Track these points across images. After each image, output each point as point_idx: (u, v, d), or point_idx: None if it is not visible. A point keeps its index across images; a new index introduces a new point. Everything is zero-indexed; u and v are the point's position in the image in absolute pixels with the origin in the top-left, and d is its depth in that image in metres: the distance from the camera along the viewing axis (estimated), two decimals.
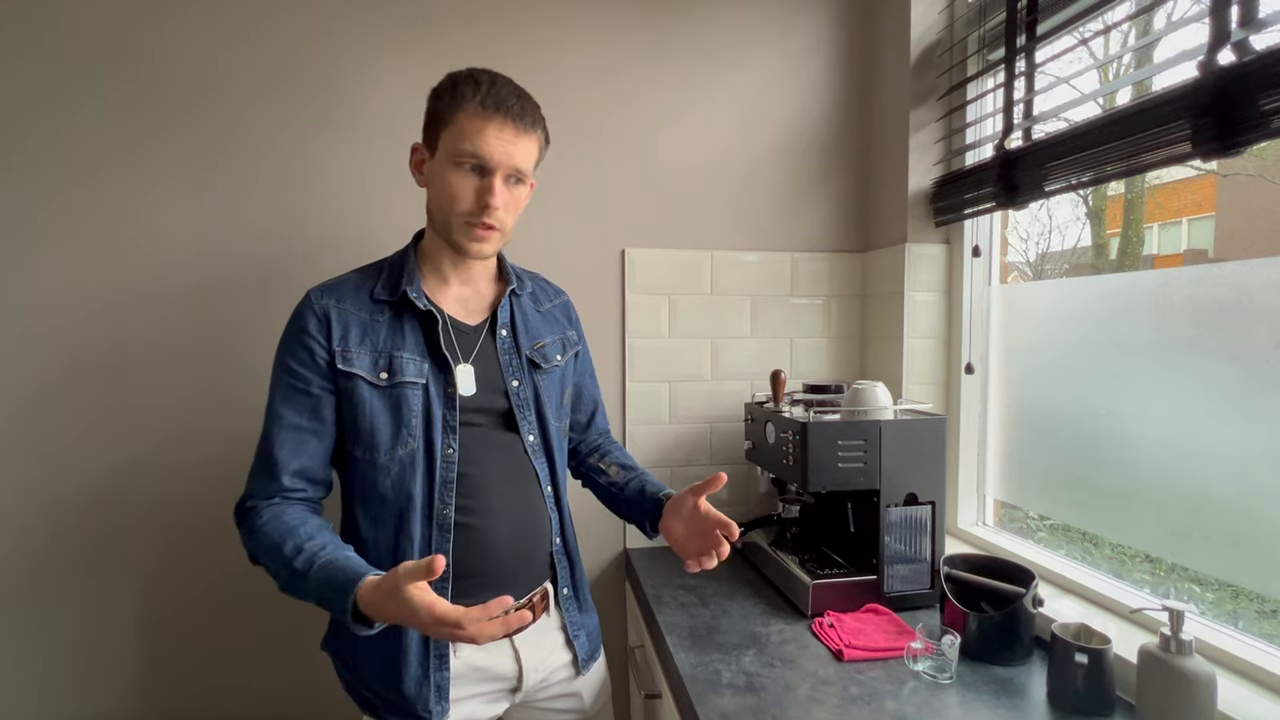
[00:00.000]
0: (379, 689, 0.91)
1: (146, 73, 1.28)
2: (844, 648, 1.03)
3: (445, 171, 0.88)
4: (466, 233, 0.90)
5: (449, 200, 0.89)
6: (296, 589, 0.81)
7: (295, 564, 0.80)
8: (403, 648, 0.89)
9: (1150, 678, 0.82)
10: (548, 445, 1.00)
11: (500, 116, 0.87)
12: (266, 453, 0.87)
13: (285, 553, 0.81)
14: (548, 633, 1.01)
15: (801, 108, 1.56)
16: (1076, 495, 1.15)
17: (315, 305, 0.90)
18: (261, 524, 0.84)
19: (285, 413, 0.87)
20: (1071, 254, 1.60)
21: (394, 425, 0.89)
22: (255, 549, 0.85)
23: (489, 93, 0.87)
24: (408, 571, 0.70)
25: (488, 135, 0.86)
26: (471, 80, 0.88)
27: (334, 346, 0.88)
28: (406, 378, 0.89)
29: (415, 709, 0.89)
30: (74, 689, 1.33)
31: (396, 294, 0.92)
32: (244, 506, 0.88)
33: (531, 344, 1.01)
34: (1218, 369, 0.91)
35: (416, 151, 0.94)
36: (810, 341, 1.60)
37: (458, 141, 0.87)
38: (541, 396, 0.99)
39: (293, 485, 0.87)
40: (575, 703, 1.04)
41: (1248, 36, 0.79)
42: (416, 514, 0.89)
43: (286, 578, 0.81)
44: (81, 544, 1.31)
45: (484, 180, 0.88)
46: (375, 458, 0.89)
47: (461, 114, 0.86)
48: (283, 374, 0.88)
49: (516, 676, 0.96)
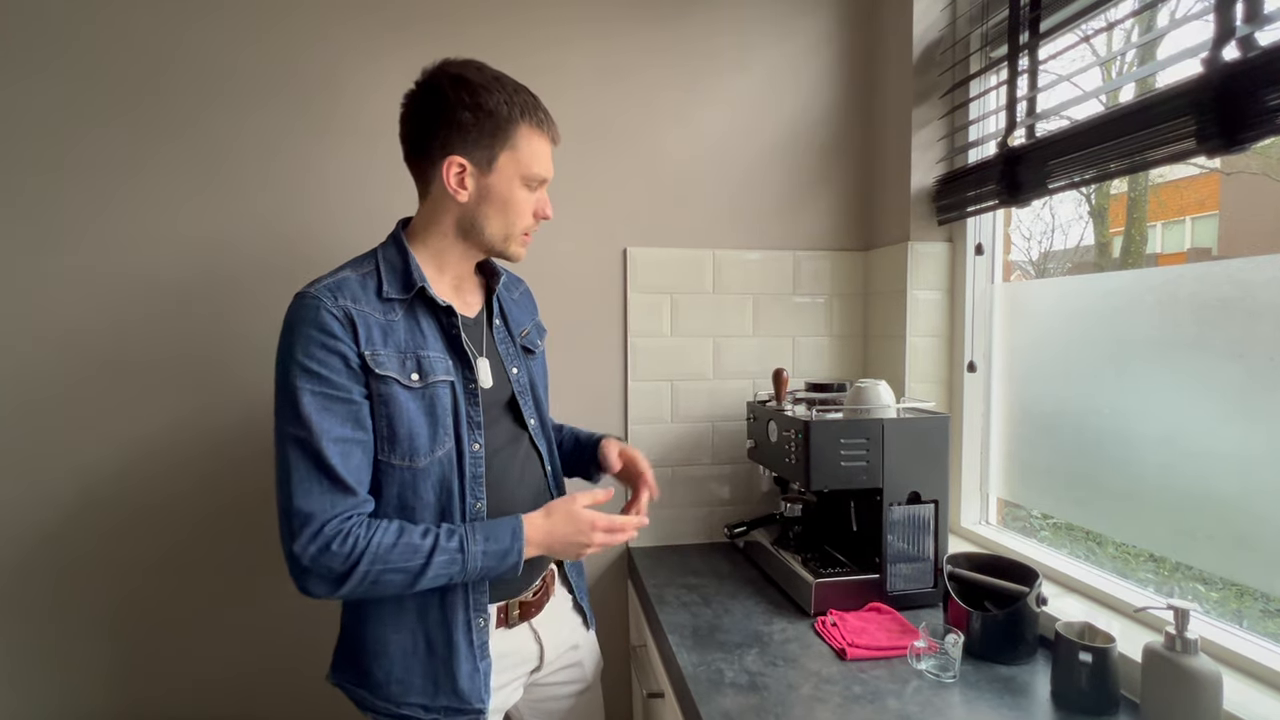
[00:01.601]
0: (424, 700, 0.89)
1: (149, 77, 1.29)
2: (847, 647, 1.02)
3: (514, 191, 0.91)
4: (519, 243, 0.96)
5: (515, 218, 0.93)
6: (449, 567, 0.82)
7: (442, 542, 0.82)
8: (452, 645, 0.89)
9: (1155, 677, 0.81)
10: (545, 427, 1.04)
11: (549, 135, 0.93)
12: (321, 470, 0.79)
13: (419, 541, 0.82)
14: (560, 609, 1.05)
15: (803, 106, 1.56)
16: (1080, 494, 1.14)
17: (332, 307, 0.82)
18: (364, 537, 0.79)
19: (328, 425, 0.80)
20: (1074, 252, 1.59)
21: (431, 426, 0.87)
22: (369, 565, 0.79)
23: (541, 112, 0.92)
24: (585, 496, 0.91)
25: (548, 157, 0.93)
26: (528, 98, 0.91)
27: (362, 349, 0.83)
28: (437, 377, 0.88)
29: (470, 701, 0.90)
30: (76, 689, 1.33)
31: (410, 290, 0.89)
32: (321, 533, 0.78)
33: (519, 331, 1.05)
34: (1221, 367, 0.90)
35: (455, 164, 0.88)
36: (812, 340, 1.60)
37: (530, 165, 0.91)
38: (535, 381, 1.04)
39: (364, 496, 0.83)
40: (578, 672, 1.09)
41: (1253, 32, 0.79)
42: (455, 513, 0.89)
43: (437, 563, 0.81)
44: (83, 545, 1.32)
45: (537, 194, 0.94)
46: (416, 462, 0.86)
47: (529, 137, 0.90)
48: (311, 383, 0.80)
49: (538, 656, 1.00)
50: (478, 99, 0.87)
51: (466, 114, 0.87)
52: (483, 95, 0.87)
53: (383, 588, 0.81)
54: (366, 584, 0.80)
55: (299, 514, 0.79)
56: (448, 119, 0.87)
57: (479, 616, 0.91)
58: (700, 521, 1.58)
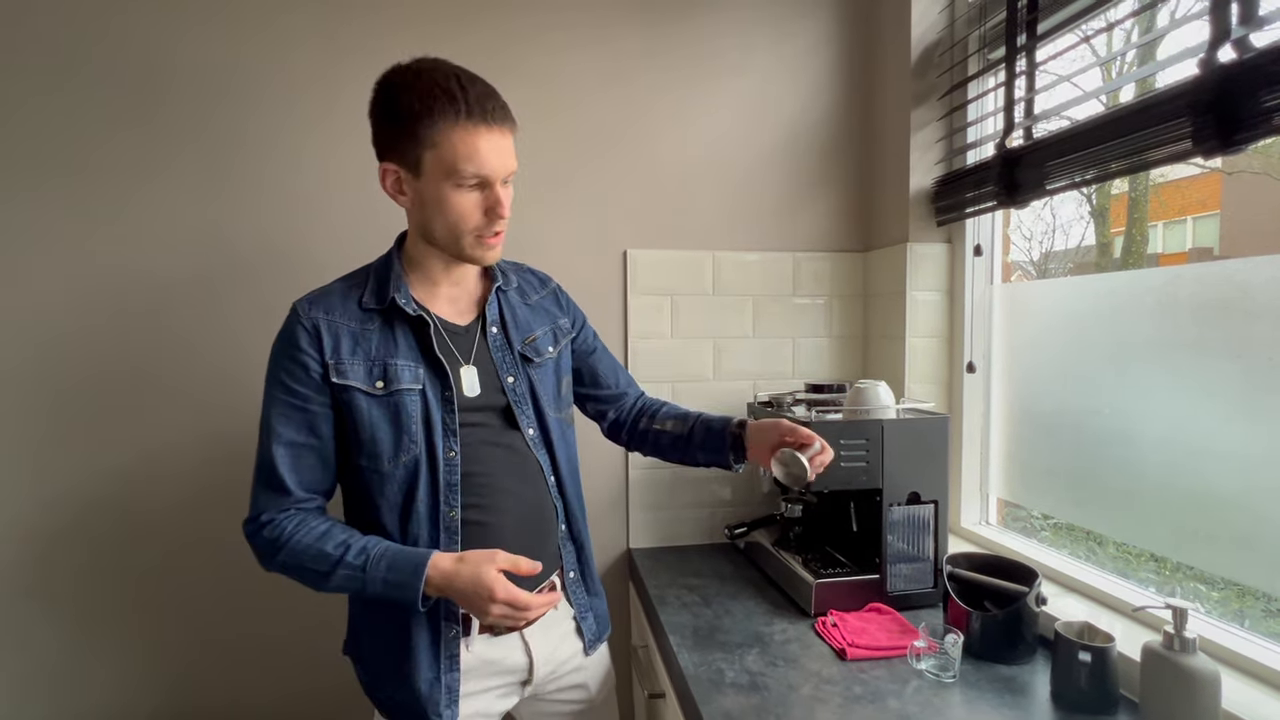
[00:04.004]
0: (392, 691, 0.91)
1: (149, 77, 1.30)
2: (847, 647, 1.03)
3: (445, 194, 0.85)
4: (479, 245, 0.89)
5: (456, 220, 0.86)
6: (350, 583, 0.84)
7: (348, 558, 0.83)
8: (413, 648, 0.89)
9: (1154, 676, 0.82)
10: (547, 437, 1.00)
11: (487, 125, 0.83)
12: (269, 470, 0.87)
13: (331, 551, 0.84)
14: (557, 623, 1.01)
15: (802, 108, 1.56)
16: (1080, 494, 1.15)
17: (304, 319, 0.88)
18: (289, 532, 0.85)
19: (282, 430, 0.87)
20: (1076, 253, 1.59)
21: (395, 433, 0.88)
22: (286, 557, 0.85)
23: (467, 101, 0.82)
24: (505, 558, 0.85)
25: (483, 150, 0.83)
26: (441, 91, 0.81)
27: (326, 359, 0.87)
28: (403, 385, 0.89)
29: (425, 710, 0.89)
30: (79, 689, 1.35)
31: (385, 301, 0.90)
32: (258, 521, 0.87)
33: (523, 338, 1.00)
34: (1221, 367, 0.91)
35: (389, 173, 0.87)
36: (812, 341, 1.60)
37: (454, 164, 0.83)
38: (537, 390, 0.99)
39: (302, 497, 0.88)
40: (583, 693, 1.06)
41: (1248, 34, 0.79)
42: (422, 518, 0.89)
43: (339, 575, 0.83)
44: (84, 546, 1.33)
45: (487, 192, 0.87)
46: (380, 466, 0.89)
47: (448, 133, 0.82)
48: (277, 390, 0.87)
49: (527, 668, 0.97)
50: (391, 100, 0.84)
51: (384, 117, 0.86)
52: (397, 95, 0.83)
53: (300, 576, 0.86)
54: (287, 570, 0.86)
55: (252, 499, 0.89)
56: (374, 125, 0.88)
57: (450, 625, 0.90)
58: (701, 522, 1.58)
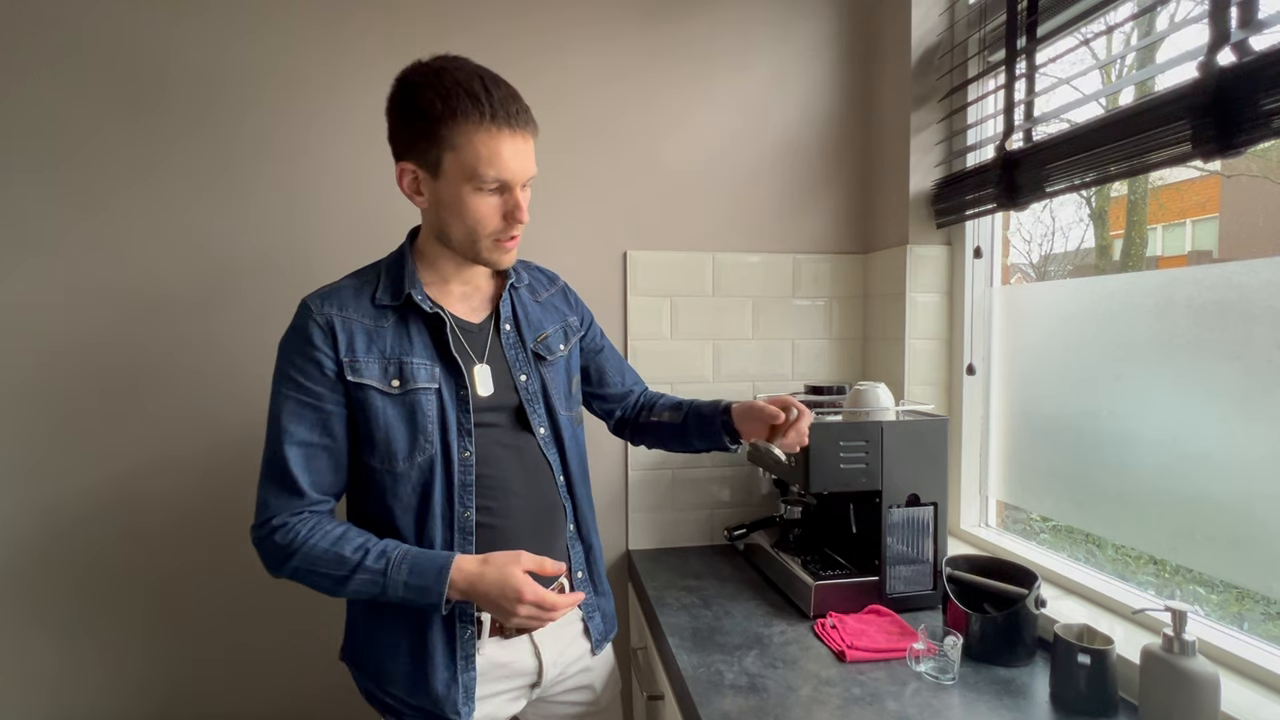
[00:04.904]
0: (403, 694, 0.90)
1: (148, 77, 1.30)
2: (846, 649, 1.03)
3: (464, 196, 0.84)
4: (496, 249, 0.89)
5: (475, 223, 0.85)
6: (369, 588, 0.82)
7: (367, 563, 0.82)
8: (429, 650, 0.88)
9: (1153, 678, 0.82)
10: (558, 437, 0.98)
11: (510, 129, 0.82)
12: (280, 470, 0.84)
13: (349, 555, 0.82)
14: (565, 625, 1.00)
15: (802, 110, 1.57)
16: (1079, 496, 1.15)
17: (317, 315, 0.86)
18: (303, 536, 0.83)
19: (294, 429, 0.84)
20: (1075, 255, 1.60)
21: (410, 433, 0.87)
22: (299, 562, 0.83)
23: (491, 104, 0.81)
24: (530, 558, 0.83)
25: (505, 155, 0.82)
26: (465, 92, 0.80)
27: (341, 357, 0.85)
28: (419, 384, 0.87)
29: (444, 710, 0.89)
30: (84, 690, 1.34)
31: (400, 298, 0.89)
32: (269, 525, 0.84)
33: (535, 336, 0.99)
34: (1219, 369, 0.91)
35: (407, 172, 0.86)
36: (812, 343, 1.60)
37: (475, 167, 0.82)
38: (549, 389, 0.98)
39: (316, 499, 0.86)
40: (588, 694, 1.05)
41: (1247, 37, 0.79)
42: (437, 519, 0.88)
43: (358, 579, 0.82)
44: (82, 549, 1.33)
45: (506, 196, 0.86)
46: (394, 466, 0.87)
47: (470, 135, 0.81)
48: (288, 388, 0.85)
49: (536, 671, 0.96)
50: (411, 99, 0.82)
51: (403, 116, 0.84)
52: (417, 94, 0.81)
53: (313, 582, 0.84)
54: (299, 575, 0.84)
55: (260, 502, 0.86)
56: (392, 123, 0.86)
57: (466, 626, 0.90)
58: (700, 524, 1.58)
